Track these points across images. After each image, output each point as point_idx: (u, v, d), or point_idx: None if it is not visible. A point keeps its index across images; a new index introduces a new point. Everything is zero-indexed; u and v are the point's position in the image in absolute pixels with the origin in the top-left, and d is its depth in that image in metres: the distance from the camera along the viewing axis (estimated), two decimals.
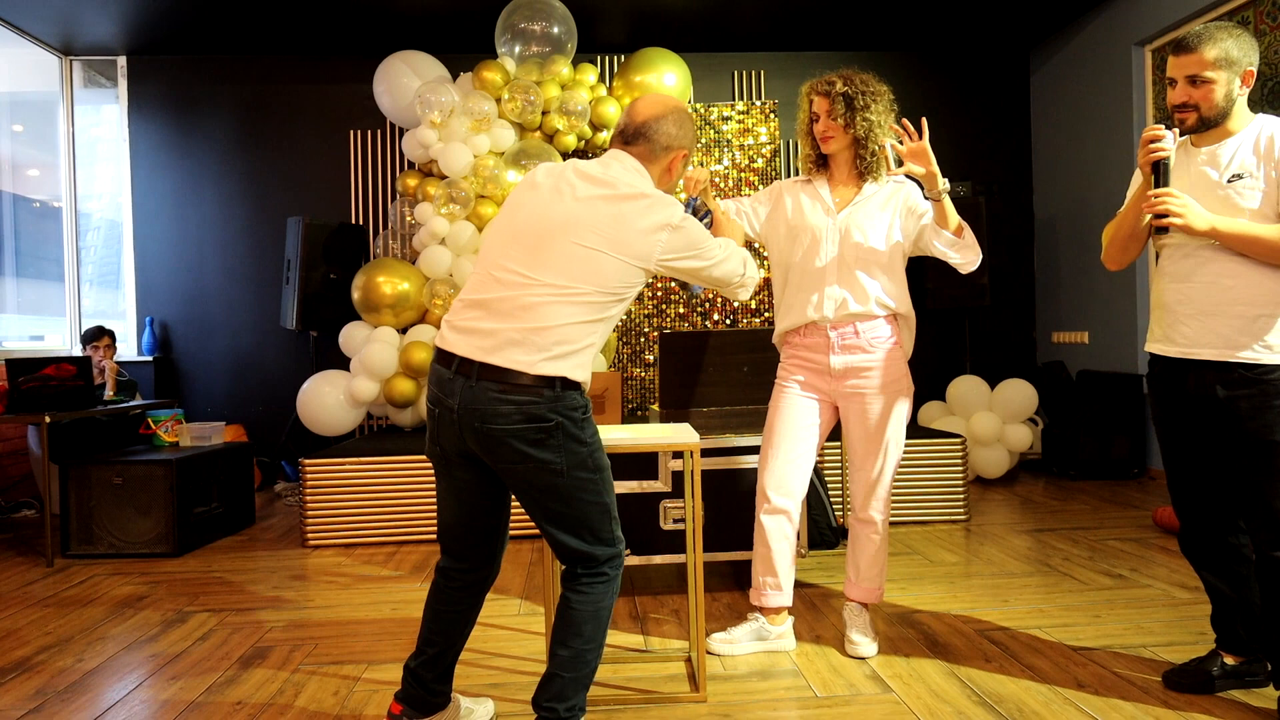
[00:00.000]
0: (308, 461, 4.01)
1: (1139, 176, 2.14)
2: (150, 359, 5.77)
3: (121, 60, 5.90)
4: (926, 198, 2.40)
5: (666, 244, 1.84)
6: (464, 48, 5.79)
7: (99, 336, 4.94)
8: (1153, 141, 2.02)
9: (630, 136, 1.95)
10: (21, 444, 4.96)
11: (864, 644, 2.48)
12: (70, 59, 5.90)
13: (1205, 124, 2.03)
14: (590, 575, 1.86)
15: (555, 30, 5.12)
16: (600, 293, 1.79)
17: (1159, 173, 2.01)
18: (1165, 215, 1.98)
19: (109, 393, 4.69)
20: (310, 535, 3.99)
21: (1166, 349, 2.12)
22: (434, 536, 4.01)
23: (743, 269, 2.04)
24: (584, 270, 1.77)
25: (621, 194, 1.83)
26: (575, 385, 1.80)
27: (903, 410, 2.48)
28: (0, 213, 5.56)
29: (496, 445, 1.76)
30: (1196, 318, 2.05)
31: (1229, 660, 2.19)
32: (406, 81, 5.29)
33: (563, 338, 1.75)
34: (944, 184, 2.34)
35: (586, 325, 1.78)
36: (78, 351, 5.61)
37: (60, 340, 5.90)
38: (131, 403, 4.59)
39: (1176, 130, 2.07)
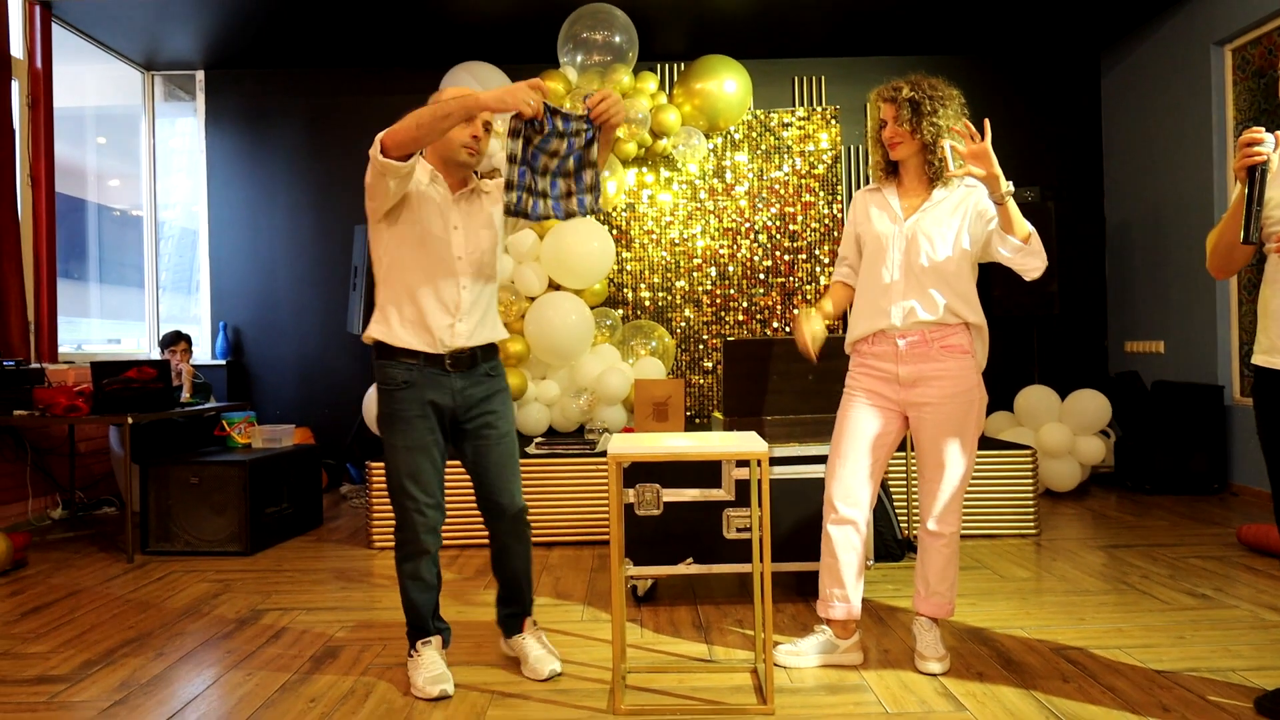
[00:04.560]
0: (373, 464, 4.09)
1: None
2: (223, 363, 5.96)
3: (200, 75, 6.13)
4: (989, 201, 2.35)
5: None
6: (527, 58, 5.86)
7: (176, 341, 5.12)
8: (1250, 144, 1.90)
9: None
10: (103, 444, 5.17)
11: (934, 660, 2.43)
12: (152, 74, 6.15)
13: None
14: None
15: (617, 39, 5.15)
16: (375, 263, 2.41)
17: (1255, 179, 1.90)
18: None
19: (185, 395, 4.85)
20: (376, 537, 4.06)
21: (1272, 360, 2.02)
22: None
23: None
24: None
25: None
26: (383, 352, 2.34)
27: (974, 421, 2.42)
28: (85, 222, 5.81)
29: None
30: None
31: None
32: None
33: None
34: (1007, 186, 2.27)
35: (380, 290, 2.40)
36: (155, 355, 5.82)
37: (135, 344, 6.14)
38: (206, 405, 4.75)
39: (1279, 133, 1.95)
